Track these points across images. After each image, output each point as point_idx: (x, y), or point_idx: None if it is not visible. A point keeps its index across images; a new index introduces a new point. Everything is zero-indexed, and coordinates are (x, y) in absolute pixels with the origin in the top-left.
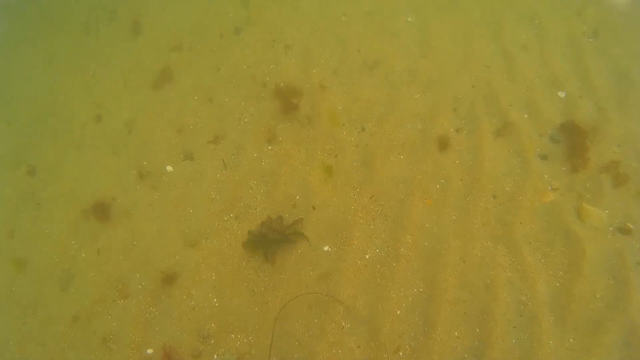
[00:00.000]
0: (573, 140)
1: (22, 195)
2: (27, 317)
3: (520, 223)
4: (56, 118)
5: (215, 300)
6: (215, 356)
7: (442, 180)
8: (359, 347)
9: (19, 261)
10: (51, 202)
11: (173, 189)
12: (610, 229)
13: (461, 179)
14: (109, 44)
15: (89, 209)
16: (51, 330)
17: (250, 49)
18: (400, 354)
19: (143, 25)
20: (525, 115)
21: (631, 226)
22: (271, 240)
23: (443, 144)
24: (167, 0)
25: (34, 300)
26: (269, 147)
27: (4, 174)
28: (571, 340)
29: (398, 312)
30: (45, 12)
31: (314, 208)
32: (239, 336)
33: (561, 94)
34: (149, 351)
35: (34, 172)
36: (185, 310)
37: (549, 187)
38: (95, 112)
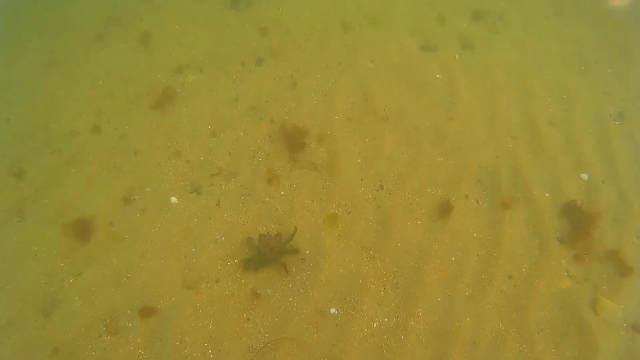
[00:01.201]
0: (592, 227)
1: (10, 204)
2: (1, 339)
3: (534, 308)
4: (57, 125)
5: (210, 351)
6: None
7: (458, 253)
8: None
9: None
10: (42, 217)
11: (176, 223)
12: (625, 325)
13: (477, 254)
14: (117, 54)
15: (83, 231)
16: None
17: (271, 83)
18: None
19: (153, 40)
20: (547, 194)
21: None
22: (265, 259)
23: (462, 214)
24: (183, 18)
25: (11, 322)
26: (282, 193)
27: None
28: None
29: None
30: (51, 15)
31: (323, 266)
32: None
33: (584, 176)
34: None
35: (26, 181)
36: (177, 358)
37: (566, 273)
38: (98, 125)
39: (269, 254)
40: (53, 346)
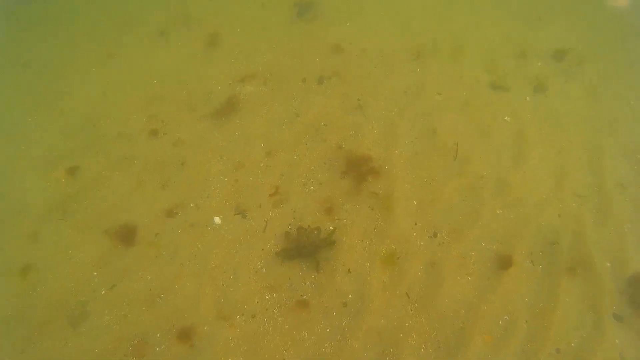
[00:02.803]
0: None
1: (53, 201)
2: (27, 345)
3: None
4: (106, 124)
5: None
6: None
7: (506, 317)
8: None
9: (30, 274)
10: (82, 219)
11: (217, 246)
12: None
13: (527, 321)
14: (176, 56)
15: (121, 241)
16: None
17: (332, 105)
18: None
19: (215, 44)
20: (608, 264)
21: None
22: (302, 252)
23: (516, 275)
24: (247, 24)
25: (39, 327)
26: (331, 228)
27: (40, 173)
28: None
29: None
30: (117, 5)
31: (365, 314)
32: None
33: None
34: None
35: (70, 178)
36: None
37: (619, 356)
38: (149, 129)
39: (306, 247)
40: None
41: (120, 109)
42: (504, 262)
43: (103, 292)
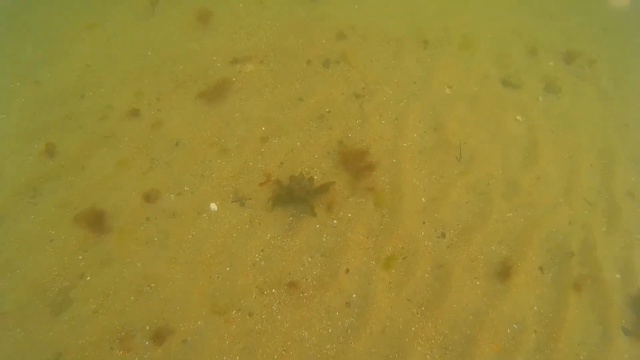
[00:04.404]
0: None
1: (30, 178)
2: (4, 332)
3: None
4: (91, 97)
5: None
6: None
7: (514, 326)
8: None
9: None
10: (64, 198)
11: (212, 235)
12: None
13: (535, 331)
14: (169, 28)
15: (108, 224)
16: None
17: (338, 91)
18: None
19: (213, 17)
20: (618, 275)
21: None
22: (295, 198)
23: (525, 282)
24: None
25: (18, 313)
26: (335, 222)
27: (18, 148)
28: None
29: None
30: None
31: (370, 316)
32: None
33: None
34: None
35: (50, 155)
36: None
37: None
38: (138, 104)
39: (298, 192)
40: (56, 350)
41: (107, 83)
42: (513, 268)
43: (89, 278)
